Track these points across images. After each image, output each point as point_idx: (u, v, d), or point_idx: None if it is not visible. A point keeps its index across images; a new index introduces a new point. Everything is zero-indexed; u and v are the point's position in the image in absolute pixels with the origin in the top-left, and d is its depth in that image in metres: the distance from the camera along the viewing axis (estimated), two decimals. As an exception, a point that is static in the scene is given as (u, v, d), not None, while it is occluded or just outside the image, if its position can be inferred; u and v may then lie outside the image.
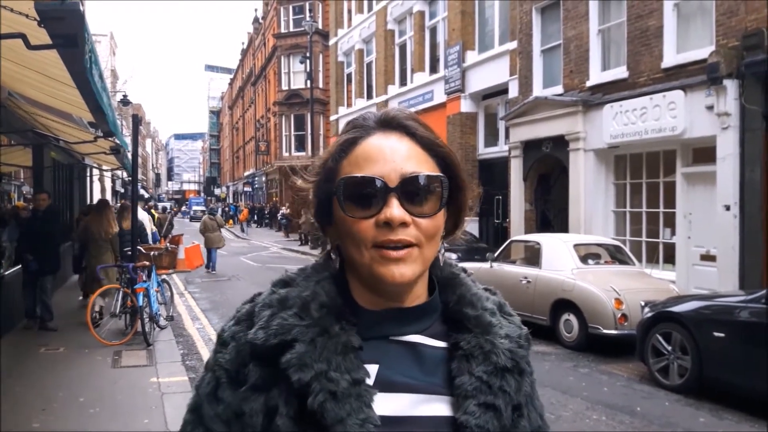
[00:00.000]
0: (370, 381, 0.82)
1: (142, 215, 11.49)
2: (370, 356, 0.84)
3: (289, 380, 0.80)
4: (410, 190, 0.83)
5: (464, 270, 0.98)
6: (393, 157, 0.84)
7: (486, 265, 9.67)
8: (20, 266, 8.24)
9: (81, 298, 10.13)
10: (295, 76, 35.58)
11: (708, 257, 10.18)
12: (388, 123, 0.88)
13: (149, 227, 12.14)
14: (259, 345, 0.82)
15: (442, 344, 0.90)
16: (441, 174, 0.86)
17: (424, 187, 0.83)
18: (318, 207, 0.90)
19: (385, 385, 0.83)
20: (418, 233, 0.83)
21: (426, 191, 0.84)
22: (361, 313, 0.87)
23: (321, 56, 32.83)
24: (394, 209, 0.81)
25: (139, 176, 31.12)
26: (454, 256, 11.23)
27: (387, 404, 0.82)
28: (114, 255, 8.94)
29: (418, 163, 0.85)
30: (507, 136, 15.23)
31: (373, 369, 0.84)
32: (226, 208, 46.03)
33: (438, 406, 0.85)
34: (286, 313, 0.84)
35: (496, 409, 0.84)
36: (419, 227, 0.83)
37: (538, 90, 14.04)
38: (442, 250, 0.94)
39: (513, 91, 15.13)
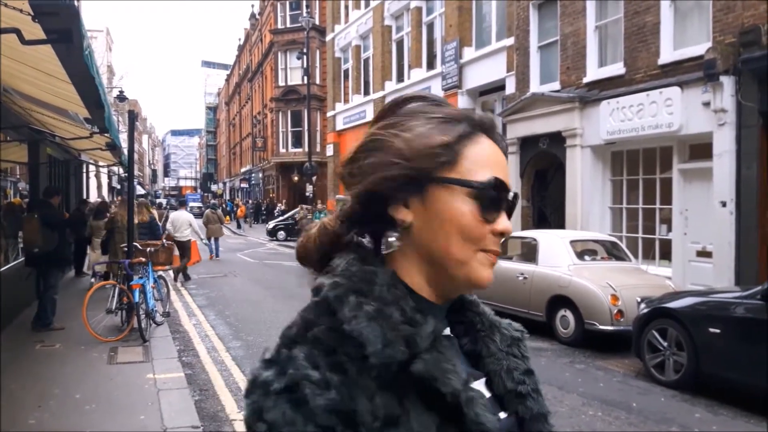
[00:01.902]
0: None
1: (188, 216, 13.84)
2: None
3: (420, 396, 0.73)
4: (512, 206, 0.84)
5: None
6: (506, 169, 0.84)
7: (483, 262, 9.68)
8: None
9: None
10: (291, 72, 35.55)
11: (704, 253, 10.21)
12: (493, 130, 0.86)
13: (196, 230, 13.95)
14: (389, 364, 0.72)
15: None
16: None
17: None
18: (403, 179, 0.79)
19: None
20: None
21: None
22: (429, 311, 0.81)
23: (318, 52, 32.79)
24: (508, 222, 0.83)
25: (136, 172, 30.98)
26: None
27: None
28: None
29: None
30: (504, 133, 15.20)
31: None
32: (223, 205, 45.95)
33: (483, 389, 0.85)
34: (400, 325, 0.75)
35: (530, 372, 0.88)
36: None
37: (535, 86, 14.05)
38: None
39: (510, 88, 15.13)
